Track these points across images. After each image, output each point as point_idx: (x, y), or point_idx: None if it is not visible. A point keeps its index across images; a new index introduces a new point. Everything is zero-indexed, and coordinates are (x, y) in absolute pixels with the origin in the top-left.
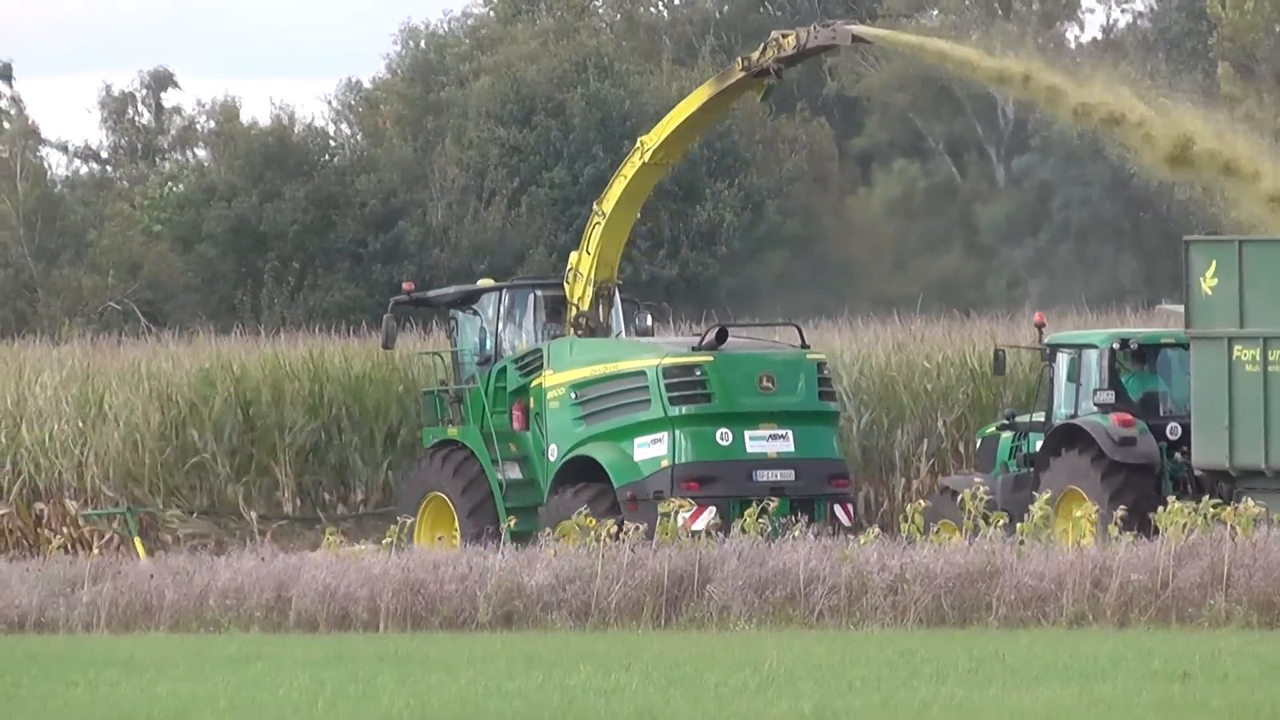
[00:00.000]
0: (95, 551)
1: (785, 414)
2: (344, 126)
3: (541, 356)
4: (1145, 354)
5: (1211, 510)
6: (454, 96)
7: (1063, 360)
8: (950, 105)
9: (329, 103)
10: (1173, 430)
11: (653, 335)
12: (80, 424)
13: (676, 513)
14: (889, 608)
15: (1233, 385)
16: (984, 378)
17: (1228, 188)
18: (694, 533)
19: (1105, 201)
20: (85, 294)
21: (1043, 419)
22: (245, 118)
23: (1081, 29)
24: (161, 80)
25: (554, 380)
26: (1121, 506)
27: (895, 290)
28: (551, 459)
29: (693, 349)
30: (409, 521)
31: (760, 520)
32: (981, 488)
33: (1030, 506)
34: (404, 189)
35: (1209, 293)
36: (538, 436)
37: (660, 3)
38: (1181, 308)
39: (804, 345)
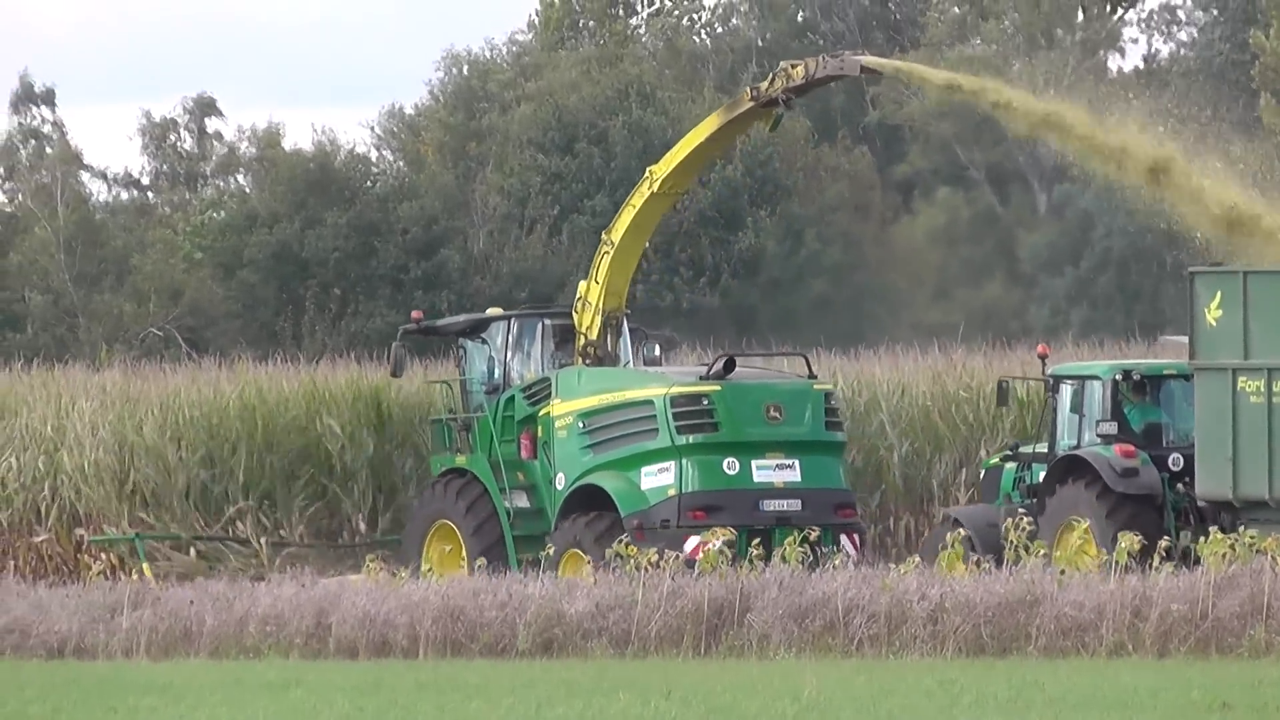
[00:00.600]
0: (135, 577)
1: (792, 444)
2: (386, 153)
3: (549, 385)
4: (1148, 385)
5: (1250, 541)
6: (496, 123)
7: (1066, 391)
8: (992, 134)
9: (371, 129)
10: (1175, 461)
11: (661, 365)
12: (119, 450)
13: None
14: (928, 637)
15: (1237, 416)
16: (1028, 406)
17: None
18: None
19: (1146, 231)
20: (126, 320)
21: (1046, 450)
22: (287, 144)
23: (1123, 57)
24: (204, 107)
25: (562, 409)
26: (1165, 538)
27: (936, 319)
28: (559, 488)
29: (700, 378)
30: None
31: (801, 549)
32: (1025, 518)
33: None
34: (445, 216)
35: (1213, 324)
36: (545, 465)
37: (703, 31)
38: (1184, 339)
39: (811, 375)
